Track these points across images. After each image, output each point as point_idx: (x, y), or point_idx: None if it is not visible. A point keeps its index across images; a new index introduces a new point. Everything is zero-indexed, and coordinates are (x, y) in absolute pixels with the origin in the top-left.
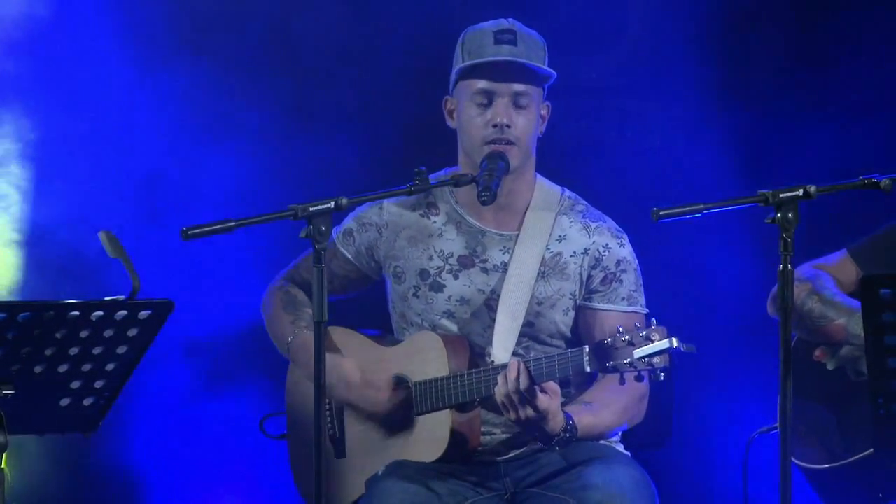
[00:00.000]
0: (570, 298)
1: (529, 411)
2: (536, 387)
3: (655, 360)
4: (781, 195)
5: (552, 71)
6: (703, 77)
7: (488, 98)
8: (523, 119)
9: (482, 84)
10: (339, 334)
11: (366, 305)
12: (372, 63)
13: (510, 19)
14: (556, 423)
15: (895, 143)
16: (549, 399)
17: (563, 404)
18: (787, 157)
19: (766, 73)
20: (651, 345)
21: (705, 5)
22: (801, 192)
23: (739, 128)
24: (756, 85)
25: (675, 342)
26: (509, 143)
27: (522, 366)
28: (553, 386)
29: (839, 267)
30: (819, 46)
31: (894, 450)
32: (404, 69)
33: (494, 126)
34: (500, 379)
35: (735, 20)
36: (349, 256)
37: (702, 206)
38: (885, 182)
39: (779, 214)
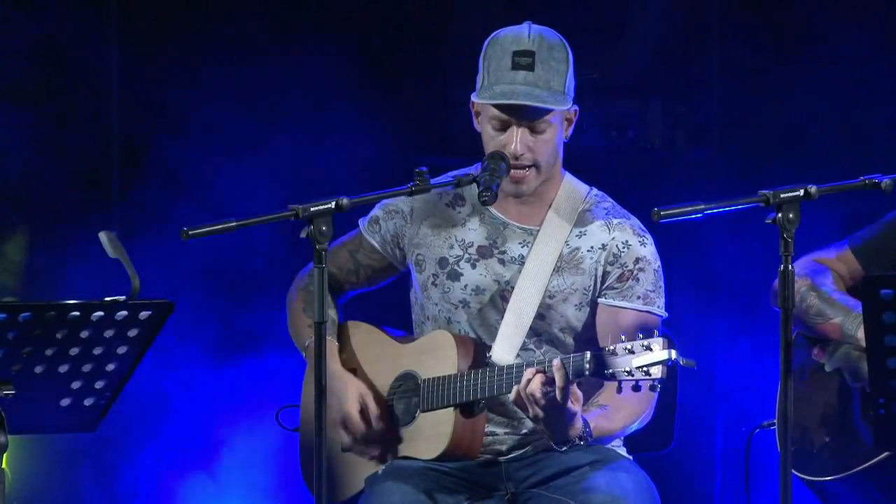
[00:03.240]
0: (584, 293)
1: (556, 411)
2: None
3: (653, 370)
4: (782, 195)
5: (568, 105)
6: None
7: (503, 126)
8: (541, 143)
9: (497, 111)
10: (359, 330)
11: (388, 305)
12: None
13: (532, 31)
14: (577, 428)
15: None
16: (575, 403)
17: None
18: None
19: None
20: (649, 354)
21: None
22: (801, 192)
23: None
24: None
25: (673, 355)
26: (525, 168)
27: (561, 364)
28: (577, 392)
29: (839, 260)
30: (809, 46)
31: (895, 450)
32: (408, 67)
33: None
34: (528, 373)
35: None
36: (375, 245)
37: (703, 206)
38: (886, 182)
39: (780, 215)
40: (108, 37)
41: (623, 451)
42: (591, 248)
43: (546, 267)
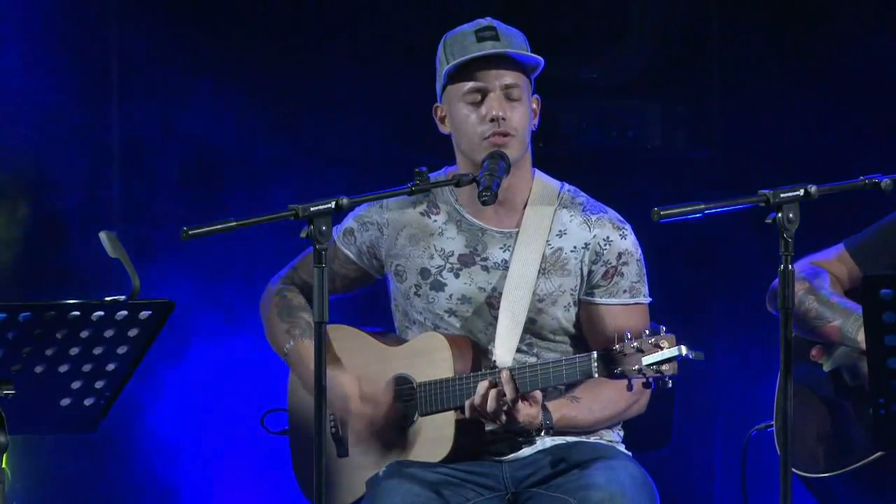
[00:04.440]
0: (571, 294)
1: (507, 420)
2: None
3: (664, 367)
4: (782, 195)
5: (539, 58)
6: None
7: (481, 95)
8: (517, 112)
9: (472, 83)
10: (341, 334)
11: (368, 304)
12: (372, 61)
13: (488, 18)
14: (533, 425)
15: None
16: (529, 407)
17: (556, 396)
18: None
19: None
20: (660, 352)
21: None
22: (801, 192)
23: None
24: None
25: (684, 350)
26: (507, 135)
27: (510, 376)
28: (536, 395)
29: (836, 263)
30: (809, 46)
31: (895, 450)
32: (404, 68)
33: (491, 120)
34: (481, 387)
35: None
36: (351, 256)
37: (702, 206)
38: (885, 182)
39: (779, 215)
40: (107, 35)
41: (622, 448)
42: (574, 247)
43: (531, 269)
